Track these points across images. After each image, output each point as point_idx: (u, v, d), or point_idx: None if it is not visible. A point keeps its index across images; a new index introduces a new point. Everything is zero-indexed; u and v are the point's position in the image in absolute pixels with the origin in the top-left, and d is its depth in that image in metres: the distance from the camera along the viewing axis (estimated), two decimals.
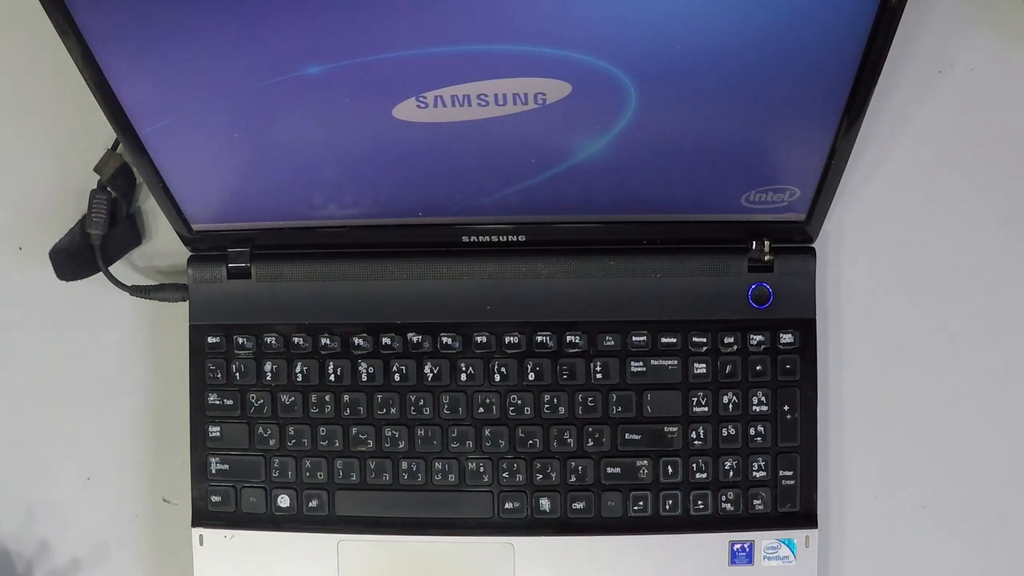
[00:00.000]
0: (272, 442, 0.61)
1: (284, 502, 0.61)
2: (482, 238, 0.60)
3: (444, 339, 0.60)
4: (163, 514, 0.64)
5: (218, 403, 0.61)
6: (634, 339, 0.60)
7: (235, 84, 0.50)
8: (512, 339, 0.60)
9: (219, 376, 0.61)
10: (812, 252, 0.60)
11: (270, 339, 0.61)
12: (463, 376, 0.60)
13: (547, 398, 0.60)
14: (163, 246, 0.64)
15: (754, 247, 0.59)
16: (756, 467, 0.59)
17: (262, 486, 0.61)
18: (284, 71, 0.49)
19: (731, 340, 0.60)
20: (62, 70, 0.52)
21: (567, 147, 0.54)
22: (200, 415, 0.61)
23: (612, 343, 0.60)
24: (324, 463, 0.61)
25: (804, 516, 0.59)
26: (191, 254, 0.62)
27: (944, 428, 0.61)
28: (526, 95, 0.50)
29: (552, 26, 0.47)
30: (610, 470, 0.60)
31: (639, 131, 0.52)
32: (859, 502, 0.62)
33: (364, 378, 0.61)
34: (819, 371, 0.60)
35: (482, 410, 0.60)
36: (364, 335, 0.61)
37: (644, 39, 0.47)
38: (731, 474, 0.59)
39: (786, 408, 0.60)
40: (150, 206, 0.64)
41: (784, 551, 0.60)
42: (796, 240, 0.60)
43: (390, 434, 0.60)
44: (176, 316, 0.63)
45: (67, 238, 0.62)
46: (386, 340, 0.61)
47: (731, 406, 0.60)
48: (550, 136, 0.53)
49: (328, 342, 0.61)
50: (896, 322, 0.62)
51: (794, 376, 0.60)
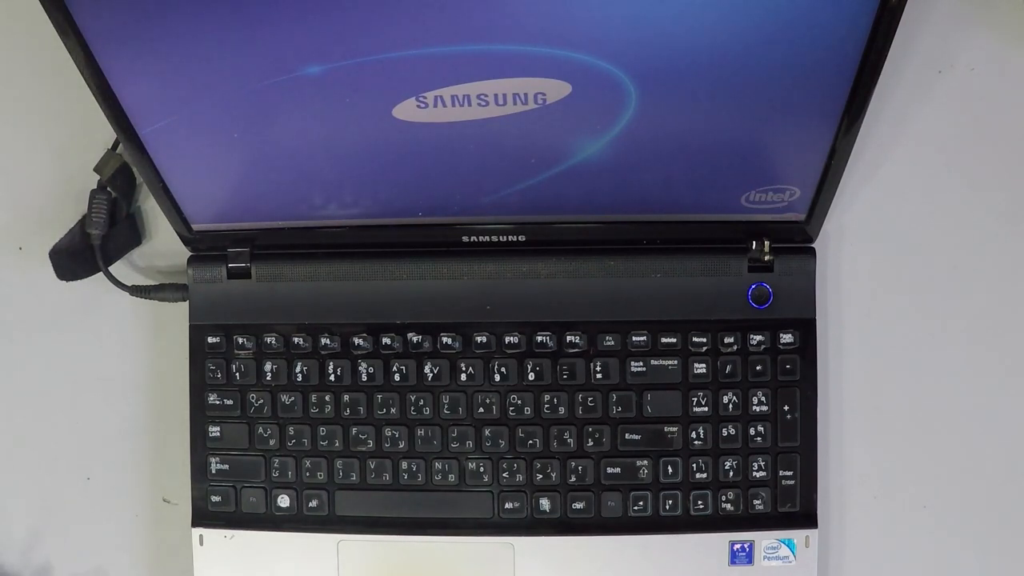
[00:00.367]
0: (272, 442, 0.61)
1: (284, 502, 0.61)
2: (482, 238, 0.59)
3: (444, 339, 0.60)
4: (163, 514, 0.64)
5: (218, 403, 0.61)
6: (634, 339, 0.60)
7: (235, 84, 0.50)
8: (512, 339, 0.60)
9: (219, 376, 0.61)
10: (812, 252, 0.60)
11: (270, 339, 0.61)
12: (463, 376, 0.60)
13: (547, 398, 0.60)
14: (163, 246, 0.64)
15: (754, 247, 0.59)
16: (756, 467, 0.59)
17: (262, 486, 0.61)
18: (284, 71, 0.49)
19: (731, 340, 0.60)
20: (62, 70, 0.52)
21: (567, 147, 0.54)
22: (200, 415, 0.61)
23: (612, 343, 0.60)
24: (324, 463, 0.61)
25: (804, 516, 0.59)
26: (191, 254, 0.62)
27: (944, 428, 0.61)
28: (526, 95, 0.50)
29: (552, 26, 0.47)
30: (610, 470, 0.60)
31: (639, 131, 0.52)
32: (859, 502, 0.62)
33: (364, 378, 0.61)
34: (819, 371, 0.60)
35: (482, 410, 0.60)
36: (364, 335, 0.61)
37: (644, 39, 0.47)
38: (731, 474, 0.59)
39: (786, 408, 0.60)
40: (150, 206, 0.64)
41: (784, 551, 0.60)
42: (796, 240, 0.60)
43: (390, 434, 0.60)
44: (176, 316, 0.63)
45: (67, 238, 0.62)
46: (386, 340, 0.61)
47: (731, 406, 0.60)
48: (550, 136, 0.53)
49: (328, 342, 0.61)
50: (896, 322, 0.62)
51: (794, 376, 0.60)
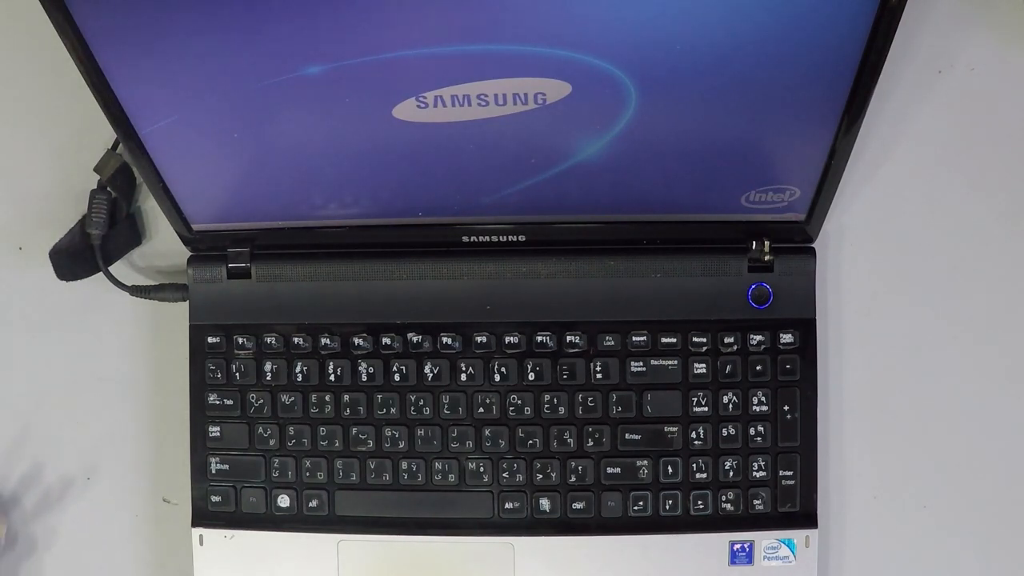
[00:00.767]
0: (272, 442, 0.61)
1: (284, 502, 0.61)
2: (482, 238, 0.59)
3: (444, 339, 0.60)
4: (163, 514, 0.64)
5: (218, 403, 0.61)
6: (634, 339, 0.60)
7: (235, 84, 0.50)
8: (512, 339, 0.60)
9: (219, 376, 0.61)
10: (812, 252, 0.60)
11: (270, 339, 0.61)
12: (463, 376, 0.60)
13: (547, 398, 0.60)
14: (163, 246, 0.64)
15: (754, 247, 0.59)
16: (756, 467, 0.59)
17: (262, 486, 0.61)
18: (284, 71, 0.49)
19: (731, 340, 0.60)
20: (62, 70, 0.52)
21: (567, 147, 0.53)
22: (200, 415, 0.61)
23: (612, 343, 0.60)
24: (324, 463, 0.61)
25: (804, 516, 0.59)
26: (191, 254, 0.62)
27: (944, 428, 0.61)
28: (526, 95, 0.50)
29: (552, 26, 0.47)
30: (610, 470, 0.60)
31: (639, 131, 0.52)
32: (859, 502, 0.62)
33: (364, 378, 0.61)
34: (819, 371, 0.60)
35: (482, 410, 0.60)
36: (364, 335, 0.61)
37: (644, 39, 0.47)
38: (731, 474, 0.59)
39: (786, 408, 0.60)
40: (150, 206, 0.64)
41: (784, 551, 0.60)
42: (796, 240, 0.60)
43: (390, 434, 0.60)
44: (176, 316, 0.63)
45: (67, 238, 0.62)
46: (386, 340, 0.61)
47: (731, 406, 0.60)
48: (550, 136, 0.53)
49: (328, 342, 0.61)
50: (896, 322, 0.62)
51: (794, 376, 0.60)
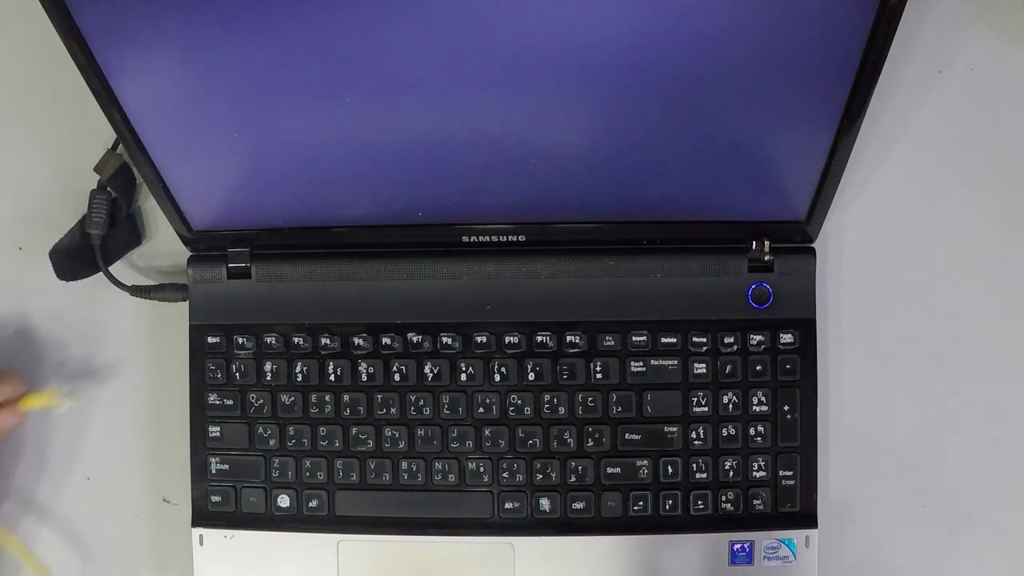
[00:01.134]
0: (272, 442, 0.61)
1: (284, 502, 0.61)
2: (482, 238, 0.59)
3: (444, 339, 0.60)
4: (163, 514, 0.64)
5: (218, 403, 0.61)
6: (634, 339, 0.60)
7: (235, 84, 0.50)
8: (512, 339, 0.60)
9: (219, 376, 0.61)
10: (812, 252, 0.60)
11: (270, 339, 0.61)
12: (463, 376, 0.60)
13: (547, 398, 0.60)
14: (163, 246, 0.64)
15: (754, 247, 0.59)
16: (756, 467, 0.59)
17: (262, 486, 0.61)
18: (284, 71, 0.49)
19: (731, 340, 0.60)
20: (62, 70, 0.52)
21: (567, 148, 0.53)
22: (200, 415, 0.61)
23: (612, 343, 0.60)
24: (324, 463, 0.61)
25: (804, 516, 0.59)
26: (191, 254, 0.62)
27: (944, 428, 0.61)
28: (526, 94, 0.50)
29: (552, 27, 0.47)
30: (610, 470, 0.60)
31: (639, 132, 0.52)
32: (859, 502, 0.62)
33: (364, 378, 0.61)
34: (819, 371, 0.60)
35: (482, 410, 0.60)
36: (364, 335, 0.61)
37: (644, 40, 0.47)
38: (731, 474, 0.59)
39: (786, 408, 0.60)
40: (150, 206, 0.64)
41: (784, 551, 0.60)
42: (796, 240, 0.60)
43: (390, 434, 0.60)
44: (176, 316, 0.63)
45: (67, 238, 0.62)
46: (386, 340, 0.61)
47: (731, 406, 0.60)
48: (550, 136, 0.53)
49: (328, 342, 0.61)
50: (896, 322, 0.62)
51: (794, 376, 0.60)
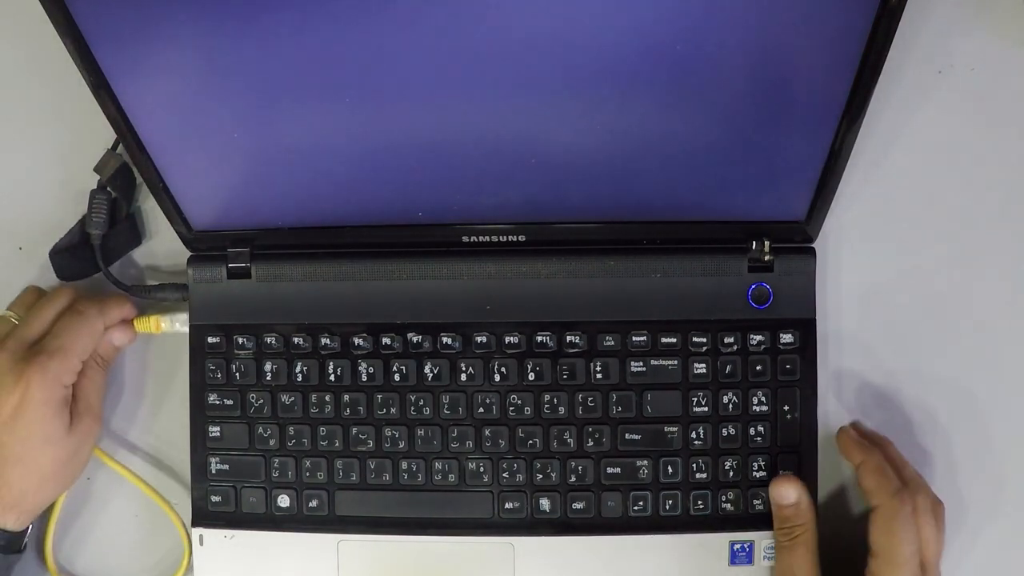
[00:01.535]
0: (272, 442, 0.61)
1: (284, 502, 0.61)
2: (482, 238, 0.59)
3: (444, 339, 0.60)
4: (163, 514, 0.64)
5: (218, 403, 0.61)
6: (634, 339, 0.60)
7: (235, 84, 0.50)
8: (512, 339, 0.60)
9: (219, 376, 0.61)
10: (812, 252, 0.60)
11: (270, 339, 0.61)
12: (463, 376, 0.60)
13: (547, 398, 0.60)
14: (163, 246, 0.64)
15: (754, 247, 0.59)
16: (756, 467, 0.59)
17: (262, 486, 0.61)
18: (284, 71, 0.49)
19: (731, 340, 0.59)
20: (62, 70, 0.52)
21: (567, 148, 0.53)
22: (200, 415, 0.61)
23: (612, 343, 0.60)
24: (324, 463, 0.61)
25: None
26: (191, 254, 0.62)
27: (944, 428, 0.61)
28: (526, 94, 0.50)
29: (552, 27, 0.47)
30: (610, 470, 0.60)
31: (639, 132, 0.52)
32: (859, 502, 0.62)
33: (364, 378, 0.61)
34: (819, 371, 0.60)
35: (482, 410, 0.60)
36: (364, 335, 0.61)
37: (644, 40, 0.47)
38: (731, 474, 0.59)
39: (786, 408, 0.60)
40: (150, 206, 0.64)
41: None
42: (796, 240, 0.60)
43: (390, 434, 0.60)
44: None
45: (67, 238, 0.62)
46: (386, 340, 0.61)
47: (731, 406, 0.60)
48: (550, 136, 0.53)
49: (328, 342, 0.61)
50: (896, 322, 0.62)
51: (794, 376, 0.60)
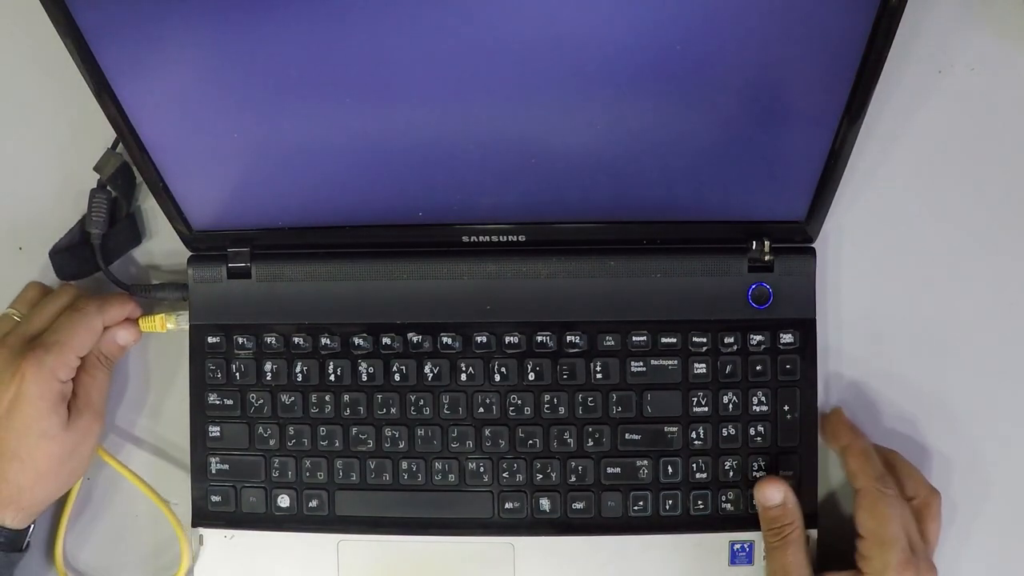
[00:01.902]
0: (272, 442, 0.61)
1: (284, 502, 0.61)
2: (482, 238, 0.59)
3: (444, 339, 0.60)
4: (163, 514, 0.64)
5: (218, 403, 0.61)
6: (634, 339, 0.60)
7: (235, 84, 0.50)
8: (512, 339, 0.60)
9: (219, 376, 0.61)
10: (812, 252, 0.60)
11: (270, 339, 0.61)
12: (463, 376, 0.60)
13: (547, 398, 0.60)
14: (163, 246, 0.64)
15: (754, 247, 0.59)
16: (756, 467, 0.59)
17: (262, 486, 0.61)
18: (284, 71, 0.49)
19: (731, 340, 0.59)
20: (62, 70, 0.52)
21: (567, 148, 0.53)
22: (200, 415, 0.61)
23: (612, 343, 0.60)
24: (324, 463, 0.61)
25: (804, 516, 0.59)
26: (191, 254, 0.62)
27: (944, 429, 0.61)
28: (527, 94, 0.50)
29: (552, 27, 0.47)
30: (610, 470, 0.60)
31: (639, 132, 0.52)
32: None
33: (364, 378, 0.61)
34: (819, 371, 0.60)
35: (482, 410, 0.60)
36: (364, 335, 0.61)
37: (644, 41, 0.47)
38: (731, 474, 0.59)
39: (786, 408, 0.60)
40: (150, 206, 0.64)
41: None
42: (796, 240, 0.60)
43: (390, 434, 0.60)
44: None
45: (67, 238, 0.62)
46: (386, 340, 0.61)
47: (731, 406, 0.60)
48: (550, 136, 0.53)
49: (328, 342, 0.61)
50: (896, 322, 0.62)
51: (794, 376, 0.60)
